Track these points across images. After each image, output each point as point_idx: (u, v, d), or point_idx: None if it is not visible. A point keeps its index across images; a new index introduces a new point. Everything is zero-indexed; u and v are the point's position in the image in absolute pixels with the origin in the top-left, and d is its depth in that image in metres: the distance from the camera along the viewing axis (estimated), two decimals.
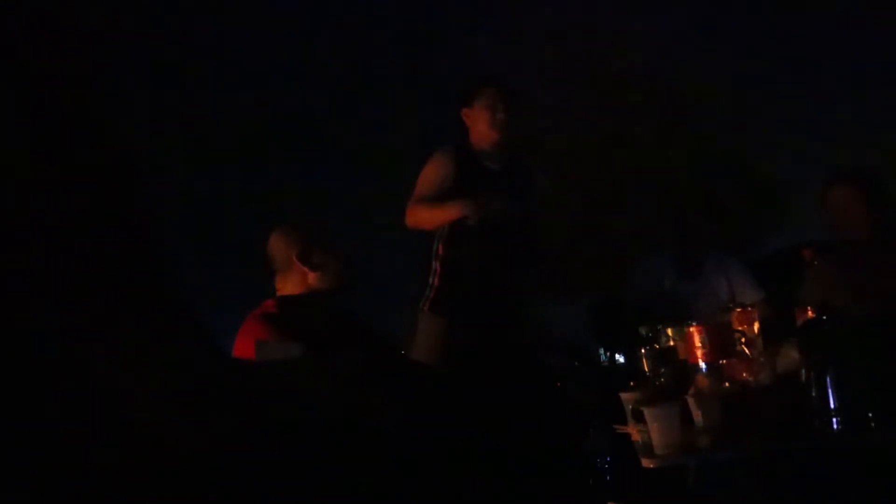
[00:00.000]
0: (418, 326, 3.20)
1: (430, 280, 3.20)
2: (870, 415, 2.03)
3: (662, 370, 2.49)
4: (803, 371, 2.12)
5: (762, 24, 4.16)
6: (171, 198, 3.56)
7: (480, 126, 3.20)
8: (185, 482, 1.18)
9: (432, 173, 3.16)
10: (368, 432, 1.58)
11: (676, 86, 4.29)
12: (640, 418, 2.14)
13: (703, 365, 2.44)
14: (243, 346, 2.48)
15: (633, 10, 4.12)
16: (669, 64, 4.23)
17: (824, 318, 2.26)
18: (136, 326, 1.19)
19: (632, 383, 2.49)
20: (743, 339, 2.51)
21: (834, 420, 2.04)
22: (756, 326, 2.63)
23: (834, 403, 2.04)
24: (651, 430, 2.07)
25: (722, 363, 2.40)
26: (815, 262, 3.32)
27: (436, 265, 3.19)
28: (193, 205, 3.81)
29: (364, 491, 1.47)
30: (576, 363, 4.05)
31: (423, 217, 3.12)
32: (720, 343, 2.47)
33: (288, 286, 2.75)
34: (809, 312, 2.53)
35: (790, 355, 2.26)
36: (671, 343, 2.72)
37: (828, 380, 2.05)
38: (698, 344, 2.48)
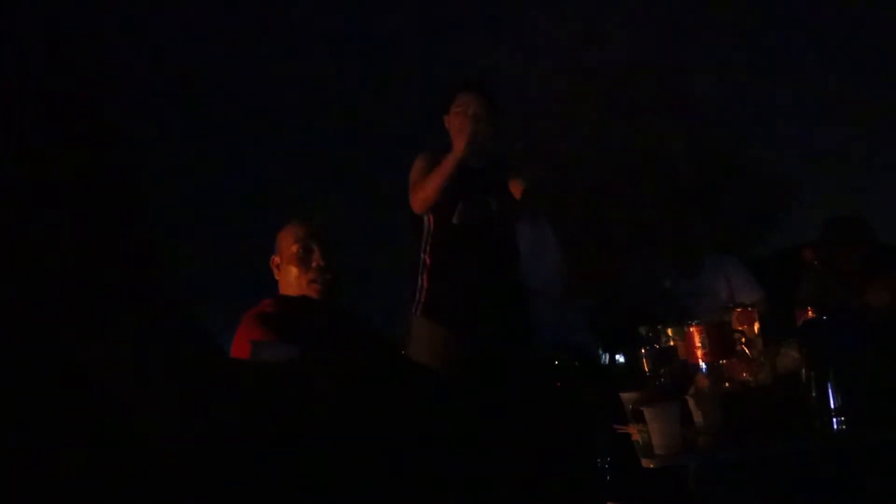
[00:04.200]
0: (411, 332, 3.20)
1: (420, 284, 3.20)
2: (870, 415, 2.03)
3: (662, 370, 2.49)
4: (803, 371, 2.11)
5: (763, 25, 4.16)
6: (171, 198, 3.56)
7: (452, 131, 3.24)
8: (184, 482, 1.18)
9: (420, 165, 3.19)
10: (369, 433, 1.58)
11: (678, 86, 4.28)
12: (640, 418, 2.14)
13: (703, 365, 2.44)
14: (240, 346, 2.48)
15: (634, 10, 4.11)
16: (670, 63, 4.22)
17: (824, 318, 2.26)
18: (134, 326, 1.19)
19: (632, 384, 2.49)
20: (743, 339, 2.51)
21: (834, 420, 2.04)
22: (756, 326, 2.63)
23: (834, 403, 2.04)
24: (651, 430, 2.07)
25: (722, 363, 2.40)
26: (815, 262, 3.36)
27: (423, 268, 3.20)
28: (193, 204, 3.81)
29: (365, 491, 1.47)
30: (576, 363, 4.04)
31: (427, 186, 3.10)
32: (720, 343, 2.47)
33: (290, 285, 2.74)
34: (809, 312, 2.53)
35: (790, 355, 2.26)
36: (671, 343, 2.72)
37: (828, 380, 2.05)
38: (698, 344, 2.47)
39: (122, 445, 1.15)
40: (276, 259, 2.78)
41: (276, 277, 2.78)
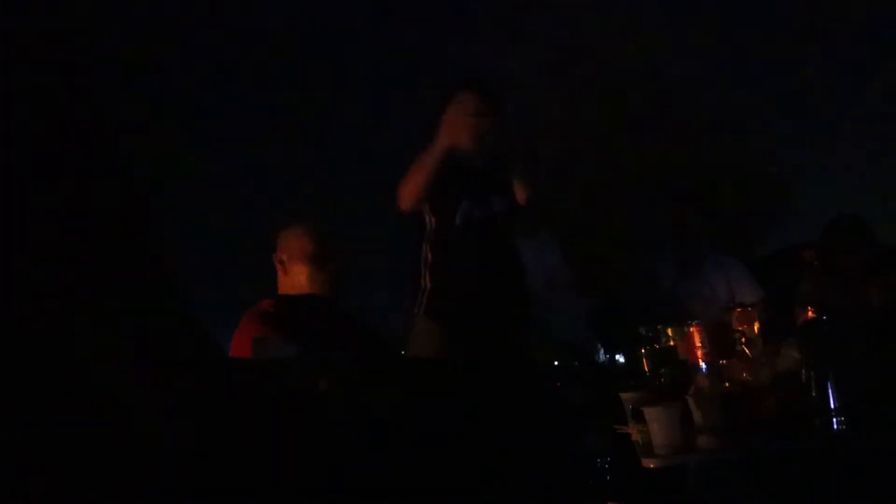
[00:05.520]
0: (414, 331, 3.20)
1: (423, 284, 3.20)
2: (870, 415, 2.03)
3: (662, 370, 2.49)
4: (803, 371, 2.11)
5: (762, 25, 4.16)
6: (172, 197, 3.56)
7: (450, 127, 3.22)
8: (183, 481, 1.18)
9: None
10: (367, 432, 1.58)
11: (676, 86, 4.29)
12: (640, 418, 2.14)
13: (703, 365, 2.44)
14: (239, 346, 2.48)
15: (634, 11, 4.11)
16: (670, 64, 4.23)
17: (824, 318, 2.26)
18: (134, 325, 1.19)
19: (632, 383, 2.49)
20: (743, 339, 2.51)
21: (834, 420, 2.04)
22: (756, 326, 2.63)
23: (834, 403, 2.04)
24: (651, 430, 2.07)
25: (722, 363, 2.40)
26: (815, 262, 3.36)
27: (426, 269, 3.20)
28: (194, 204, 3.81)
29: (363, 490, 1.46)
30: (576, 363, 4.04)
31: (412, 180, 3.06)
32: (720, 343, 2.47)
33: (290, 285, 2.75)
34: (809, 312, 2.53)
35: (790, 355, 2.26)
36: (671, 343, 2.72)
37: (828, 380, 2.05)
38: (698, 344, 2.47)
39: (120, 444, 1.15)
40: (283, 256, 2.77)
41: (281, 274, 2.78)
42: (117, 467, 1.13)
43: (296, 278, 2.74)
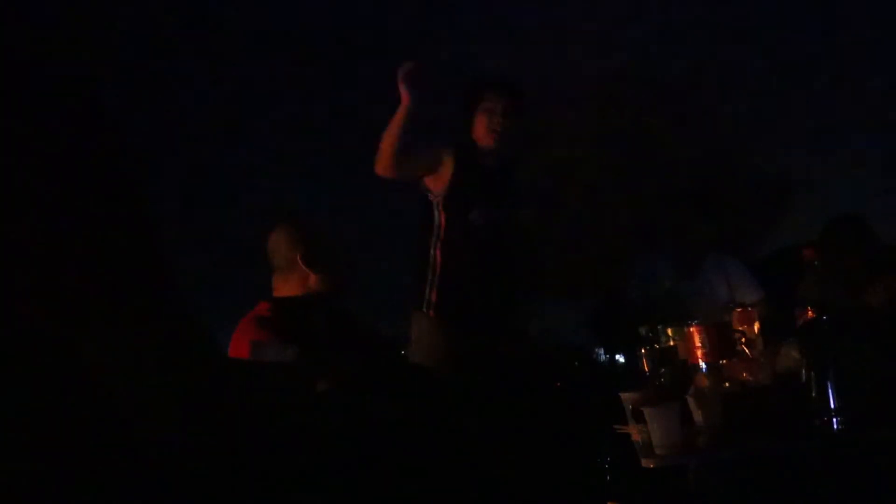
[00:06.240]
0: (418, 330, 3.20)
1: (430, 281, 3.21)
2: (870, 415, 2.03)
3: (662, 370, 2.49)
4: (803, 371, 2.11)
5: (764, 24, 4.16)
6: (171, 198, 3.56)
7: (479, 128, 3.23)
8: (182, 481, 1.18)
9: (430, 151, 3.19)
10: (367, 433, 1.58)
11: (677, 85, 4.29)
12: (640, 418, 2.14)
13: (703, 365, 2.44)
14: (237, 349, 2.46)
15: (634, 10, 4.11)
16: (670, 63, 4.23)
17: (824, 317, 2.26)
18: (134, 327, 1.19)
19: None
20: (743, 339, 2.52)
21: (834, 420, 2.04)
22: (756, 326, 2.63)
23: (834, 403, 2.04)
24: (651, 430, 2.07)
25: (722, 363, 2.40)
26: (815, 262, 3.37)
27: (433, 269, 3.20)
28: (193, 205, 3.81)
29: (363, 492, 1.46)
30: (576, 363, 4.05)
31: (382, 147, 3.07)
32: (720, 343, 2.47)
33: (286, 287, 2.72)
34: (809, 312, 2.53)
35: (790, 355, 2.26)
36: (671, 343, 2.72)
37: (828, 380, 2.05)
38: (698, 344, 2.48)
39: (121, 444, 1.15)
40: (273, 262, 2.71)
41: (275, 276, 2.75)
42: (118, 469, 1.13)
43: (290, 282, 2.71)
